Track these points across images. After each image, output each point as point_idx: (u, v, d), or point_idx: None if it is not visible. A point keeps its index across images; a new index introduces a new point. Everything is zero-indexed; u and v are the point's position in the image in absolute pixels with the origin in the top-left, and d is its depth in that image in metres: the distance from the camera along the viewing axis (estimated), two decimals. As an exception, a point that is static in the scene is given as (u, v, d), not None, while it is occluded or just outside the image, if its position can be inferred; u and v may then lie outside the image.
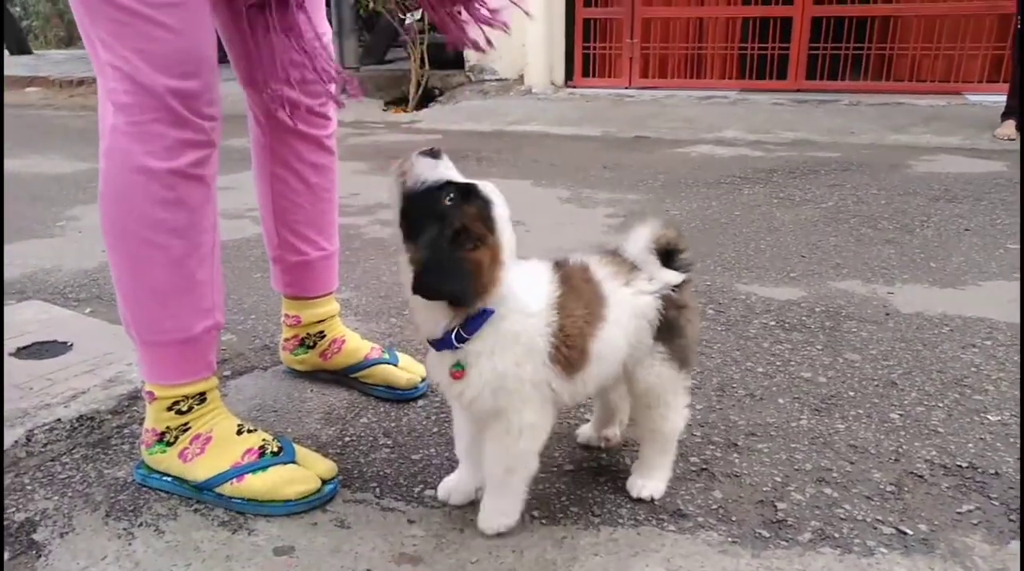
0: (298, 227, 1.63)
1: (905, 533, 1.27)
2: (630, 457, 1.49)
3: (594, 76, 7.02)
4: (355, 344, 1.76)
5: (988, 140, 4.72)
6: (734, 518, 1.32)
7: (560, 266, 1.25)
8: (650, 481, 1.37)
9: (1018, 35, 4.59)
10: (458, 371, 1.17)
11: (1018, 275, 2.48)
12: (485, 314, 1.15)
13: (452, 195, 1.11)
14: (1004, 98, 4.86)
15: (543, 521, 1.32)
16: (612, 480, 1.43)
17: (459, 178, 1.14)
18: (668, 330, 1.27)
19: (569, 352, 1.19)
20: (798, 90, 6.34)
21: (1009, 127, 4.71)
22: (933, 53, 6.13)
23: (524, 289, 1.18)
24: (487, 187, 1.14)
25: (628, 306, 1.24)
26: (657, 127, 5.53)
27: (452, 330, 1.15)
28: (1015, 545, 1.24)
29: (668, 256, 1.29)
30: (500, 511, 1.27)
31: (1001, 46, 5.79)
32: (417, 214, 1.12)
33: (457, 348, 1.16)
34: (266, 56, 1.37)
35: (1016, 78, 4.70)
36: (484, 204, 1.13)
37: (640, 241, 1.28)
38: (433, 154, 1.14)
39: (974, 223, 3.06)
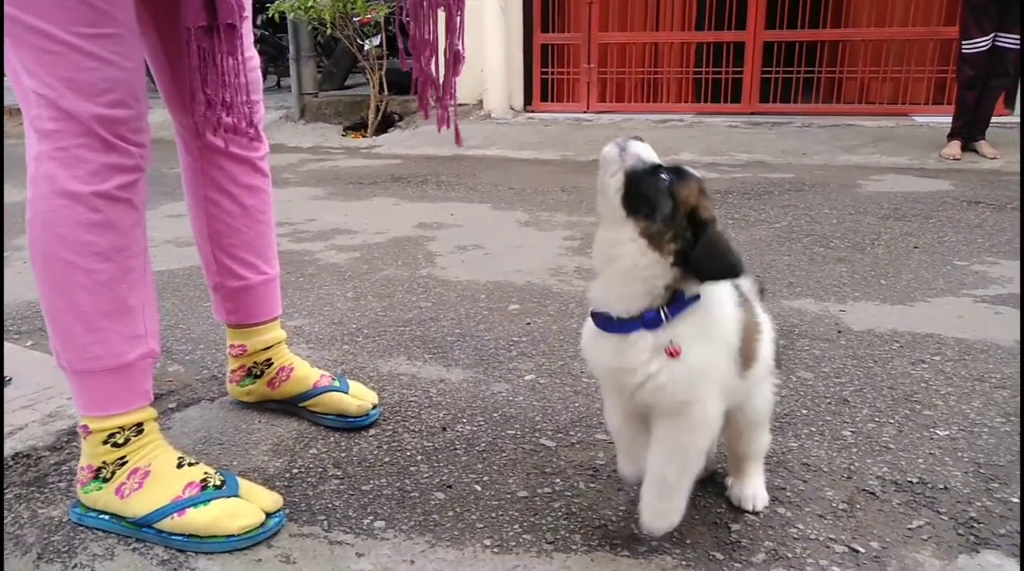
0: (236, 251, 1.60)
1: (857, 551, 1.27)
2: (584, 482, 1.47)
3: (552, 101, 7.08)
4: (304, 372, 1.72)
5: (935, 160, 4.85)
6: (688, 541, 1.31)
7: None
8: (759, 490, 1.39)
9: (960, 59, 4.74)
10: (676, 347, 1.13)
11: (965, 291, 2.53)
12: (690, 300, 1.14)
13: (667, 177, 1.11)
14: (949, 119, 5.00)
15: (495, 550, 1.29)
16: (566, 506, 1.41)
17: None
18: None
19: (749, 348, 1.22)
20: (752, 112, 6.45)
21: (955, 147, 4.85)
22: (881, 76, 6.30)
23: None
24: (690, 169, 1.15)
25: (767, 324, 1.31)
26: (615, 150, 5.57)
27: (656, 310, 1.13)
28: (963, 559, 1.25)
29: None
30: (668, 512, 1.22)
31: (944, 69, 5.98)
32: (644, 192, 1.10)
33: (662, 327, 1.13)
34: (208, 80, 1.34)
35: (960, 100, 4.86)
36: (699, 182, 1.13)
37: (748, 283, 1.31)
38: (641, 140, 1.15)
39: (923, 241, 3.13)
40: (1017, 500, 1.40)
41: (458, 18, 1.39)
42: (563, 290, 2.62)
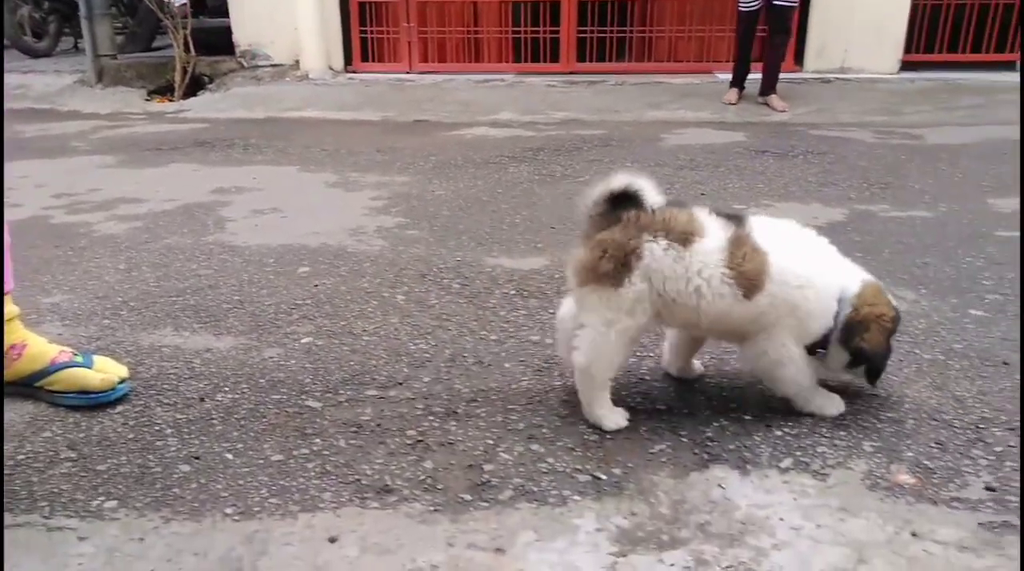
0: None
1: (600, 478, 1.32)
2: (344, 440, 1.44)
3: (374, 61, 6.87)
4: (39, 348, 1.56)
5: (733, 113, 5.15)
6: (440, 486, 1.31)
7: None
8: None
9: (739, 17, 5.09)
10: None
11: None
12: None
13: None
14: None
15: (236, 518, 1.23)
16: (321, 465, 1.37)
17: None
18: None
19: None
20: (570, 72, 6.57)
21: (732, 94, 5.34)
22: (687, 35, 6.59)
23: None
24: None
25: None
26: (436, 111, 5.51)
27: None
28: (695, 476, 1.33)
29: None
30: None
31: (743, 28, 6.32)
32: None
33: None
34: None
35: (737, 52, 5.27)
36: None
37: None
38: None
39: (709, 188, 3.31)
40: (749, 417, 1.50)
41: None
42: (359, 250, 2.55)
